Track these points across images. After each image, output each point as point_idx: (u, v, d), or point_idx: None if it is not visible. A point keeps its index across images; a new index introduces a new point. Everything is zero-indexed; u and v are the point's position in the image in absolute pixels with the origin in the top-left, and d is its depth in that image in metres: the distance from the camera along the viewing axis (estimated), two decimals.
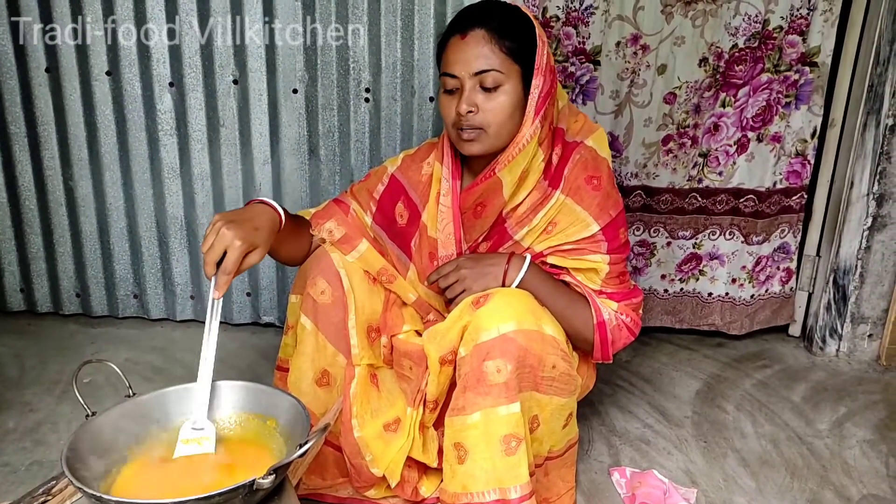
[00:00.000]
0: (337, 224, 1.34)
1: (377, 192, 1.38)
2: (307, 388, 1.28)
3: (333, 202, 1.39)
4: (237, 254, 1.00)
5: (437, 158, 1.34)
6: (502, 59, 1.17)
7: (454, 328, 1.18)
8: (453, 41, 1.20)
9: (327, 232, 1.33)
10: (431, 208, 1.33)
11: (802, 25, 1.77)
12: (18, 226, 2.01)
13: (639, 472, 1.42)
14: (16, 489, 1.30)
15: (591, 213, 1.24)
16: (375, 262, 1.35)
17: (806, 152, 1.91)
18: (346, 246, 1.33)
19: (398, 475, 1.24)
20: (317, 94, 1.85)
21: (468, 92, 1.18)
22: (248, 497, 0.86)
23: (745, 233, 1.97)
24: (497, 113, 1.18)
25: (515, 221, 1.27)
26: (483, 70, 1.17)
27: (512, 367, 1.10)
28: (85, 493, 0.83)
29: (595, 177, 1.25)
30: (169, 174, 1.93)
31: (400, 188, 1.37)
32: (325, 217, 1.35)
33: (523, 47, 1.18)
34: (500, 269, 1.23)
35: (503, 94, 1.18)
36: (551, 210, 1.25)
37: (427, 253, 1.34)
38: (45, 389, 1.70)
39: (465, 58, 1.17)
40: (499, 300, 1.15)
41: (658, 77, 1.82)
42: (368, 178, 1.41)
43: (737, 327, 2.06)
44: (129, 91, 1.87)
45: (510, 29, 1.18)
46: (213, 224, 1.03)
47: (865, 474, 1.47)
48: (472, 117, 1.19)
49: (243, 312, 2.06)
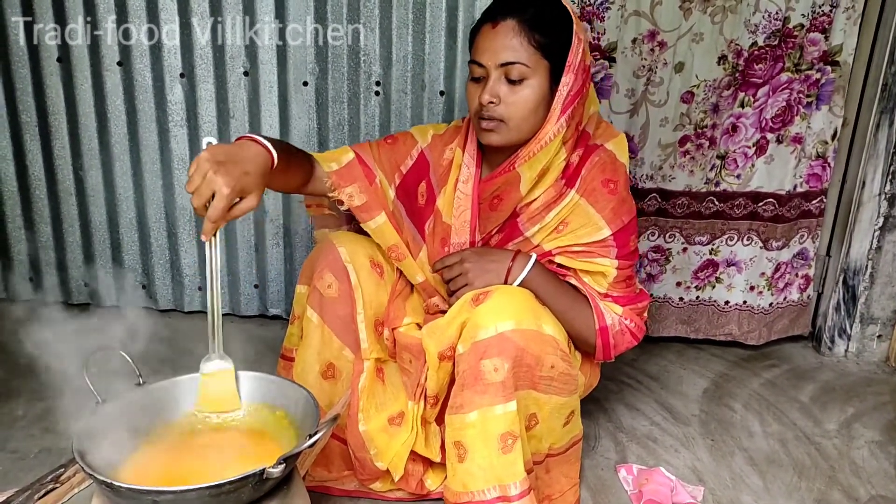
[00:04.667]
0: (359, 190, 1.26)
1: (405, 167, 1.33)
2: (313, 380, 1.28)
3: (358, 162, 1.28)
4: (225, 203, 0.93)
5: (459, 144, 1.32)
6: (530, 52, 1.15)
7: (453, 324, 1.17)
8: (484, 29, 1.19)
9: (347, 196, 1.25)
10: (448, 194, 1.31)
11: (825, 23, 1.74)
12: (28, 215, 2.01)
13: (646, 469, 1.42)
14: (24, 476, 1.30)
15: (605, 216, 1.23)
16: (390, 237, 1.29)
17: (826, 154, 1.87)
18: (363, 214, 1.26)
19: (402, 469, 1.24)
20: (327, 87, 1.85)
21: (492, 82, 1.17)
22: (257, 486, 0.87)
23: (764, 238, 1.92)
24: (519, 106, 1.17)
25: (527, 217, 1.27)
26: (509, 62, 1.15)
27: (509, 366, 1.09)
28: (95, 479, 0.84)
29: (612, 181, 1.24)
30: (179, 165, 1.94)
31: (426, 167, 1.34)
32: (348, 180, 1.26)
33: (556, 42, 1.16)
34: (503, 266, 1.22)
35: (527, 87, 1.16)
36: (564, 209, 1.24)
37: (439, 238, 1.32)
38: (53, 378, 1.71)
39: (493, 47, 1.16)
40: (498, 298, 1.14)
41: (675, 75, 1.78)
42: (395, 146, 1.33)
43: (755, 337, 1.99)
44: (139, 82, 1.87)
45: (544, 22, 1.15)
46: (198, 163, 0.93)
47: (874, 475, 1.46)
48: (494, 108, 1.18)
49: (250, 305, 2.07)
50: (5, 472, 1.34)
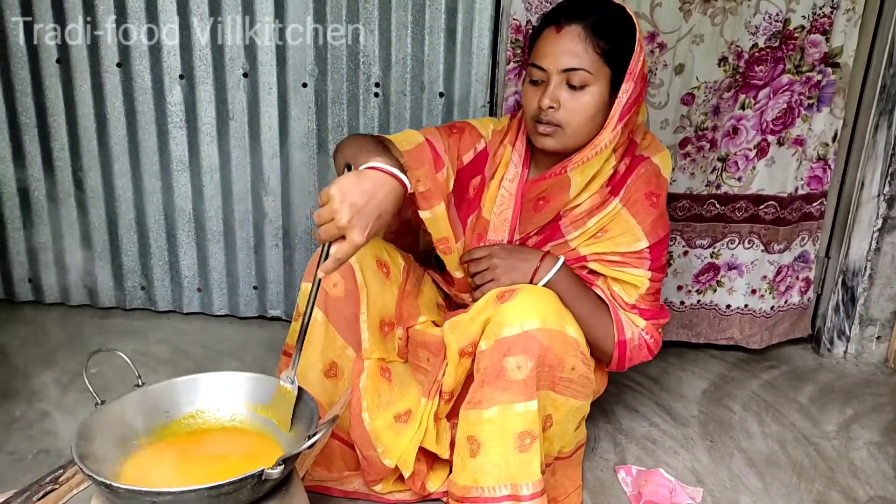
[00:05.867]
0: (426, 176, 1.23)
1: (466, 158, 1.31)
2: (315, 378, 1.28)
3: (428, 146, 1.25)
4: (354, 251, 0.94)
5: (509, 141, 1.32)
6: (594, 59, 1.15)
7: (476, 321, 1.17)
8: (547, 32, 1.18)
9: (415, 180, 1.21)
10: (493, 190, 1.31)
11: (825, 24, 1.74)
12: (27, 216, 2.01)
13: (645, 471, 1.42)
14: (23, 477, 1.30)
15: (644, 228, 1.23)
16: (443, 229, 1.27)
17: (827, 156, 1.86)
18: (424, 202, 1.23)
19: (411, 465, 1.24)
20: (326, 89, 1.85)
21: (553, 87, 1.17)
22: (256, 487, 0.87)
23: (766, 241, 1.91)
24: (579, 113, 1.17)
25: (570, 221, 1.27)
26: (572, 68, 1.15)
27: (532, 364, 1.10)
28: (94, 480, 0.84)
29: (655, 194, 1.25)
30: (178, 166, 1.93)
31: (484, 162, 1.33)
32: (419, 162, 1.23)
33: (618, 50, 1.16)
34: (531, 266, 1.22)
35: (588, 94, 1.16)
36: (606, 217, 1.25)
37: (477, 233, 1.32)
38: (52, 379, 1.71)
39: (556, 52, 1.15)
40: (524, 297, 1.15)
41: (675, 77, 1.78)
42: (462, 137, 1.31)
43: (756, 341, 1.98)
44: (139, 83, 1.87)
45: (608, 29, 1.15)
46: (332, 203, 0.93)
47: (873, 476, 1.46)
48: (553, 113, 1.18)
49: (250, 306, 2.06)
50: (4, 473, 1.34)
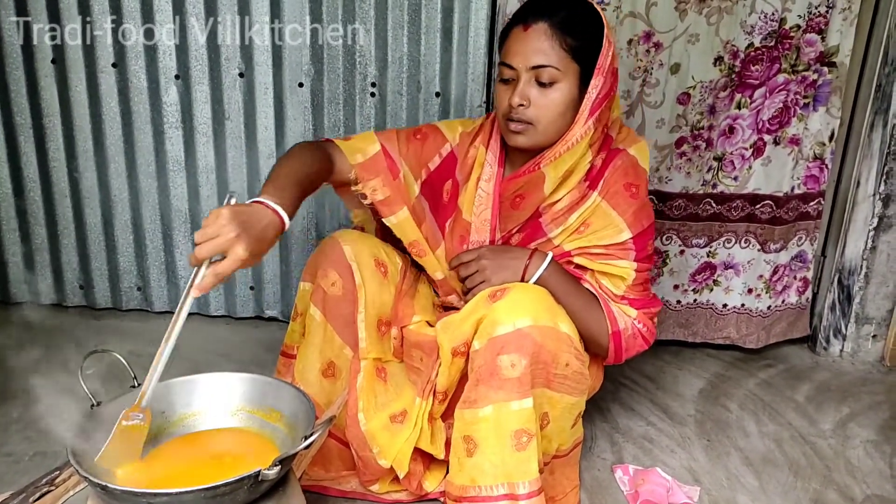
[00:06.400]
0: (382, 184, 1.27)
1: (432, 164, 1.34)
2: (313, 378, 1.28)
3: (384, 155, 1.28)
4: (237, 266, 0.94)
5: (482, 142, 1.32)
6: (561, 56, 1.15)
7: (469, 320, 1.18)
8: (515, 31, 1.19)
9: (371, 189, 1.26)
10: (470, 191, 1.32)
11: (821, 24, 1.74)
12: (23, 217, 2.00)
13: (642, 470, 1.42)
14: (19, 479, 1.30)
15: (626, 219, 1.24)
16: (411, 232, 1.30)
17: (824, 156, 1.87)
18: (385, 209, 1.28)
19: (406, 466, 1.24)
20: (322, 89, 1.85)
21: (522, 85, 1.17)
22: (253, 488, 0.86)
23: (762, 240, 1.91)
24: (549, 109, 1.18)
25: (551, 218, 1.27)
26: (540, 65, 1.16)
27: (526, 362, 1.10)
28: (90, 482, 0.83)
29: (634, 185, 1.25)
30: (174, 167, 1.93)
31: (453, 165, 1.34)
32: (373, 173, 1.27)
33: (586, 46, 1.16)
34: (520, 264, 1.23)
35: (557, 91, 1.17)
36: (586, 211, 1.25)
37: (458, 236, 1.33)
38: (48, 380, 1.70)
39: (524, 50, 1.16)
40: (516, 295, 1.15)
41: (671, 76, 1.78)
42: (425, 143, 1.33)
43: (753, 340, 1.98)
44: (134, 83, 1.86)
45: (575, 25, 1.16)
46: (220, 220, 0.94)
47: (869, 474, 1.47)
48: (523, 111, 1.18)
49: (246, 306, 2.06)
50: (0, 475, 1.33)
